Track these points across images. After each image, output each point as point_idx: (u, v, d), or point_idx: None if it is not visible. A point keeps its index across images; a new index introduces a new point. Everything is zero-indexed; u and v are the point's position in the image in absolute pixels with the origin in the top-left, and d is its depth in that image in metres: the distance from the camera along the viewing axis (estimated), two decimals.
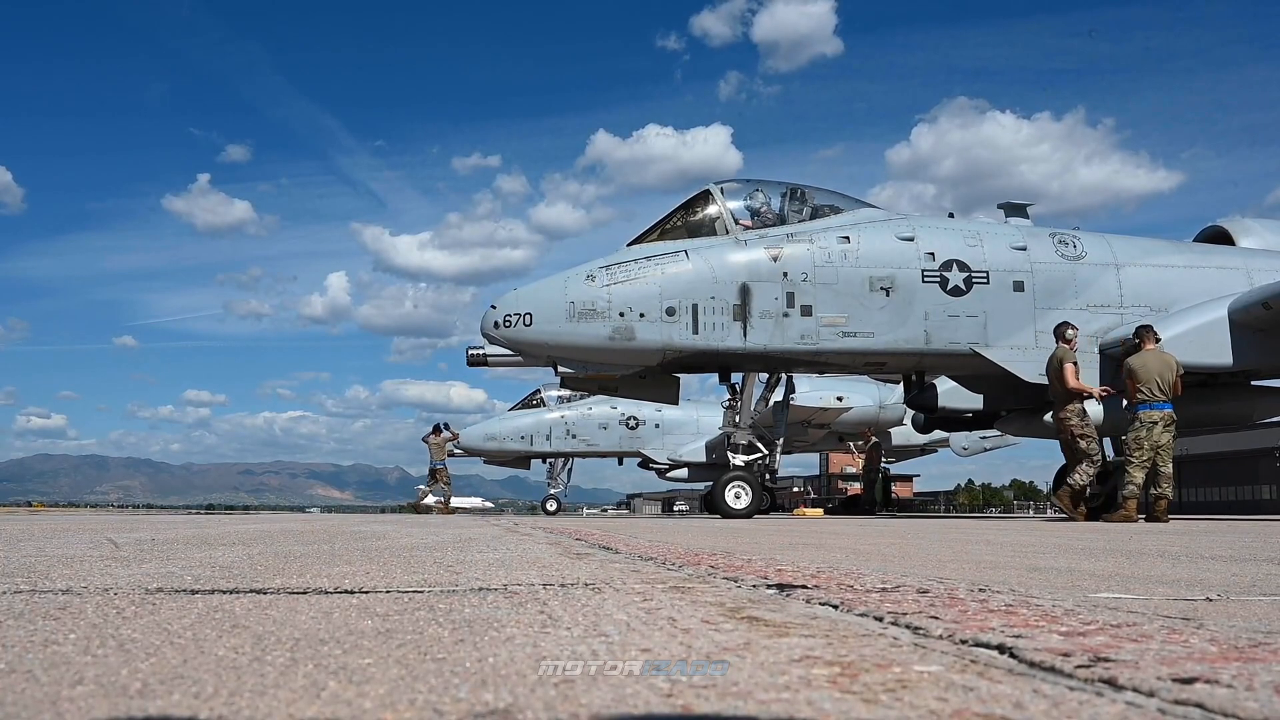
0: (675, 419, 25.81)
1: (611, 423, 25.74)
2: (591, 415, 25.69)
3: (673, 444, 25.80)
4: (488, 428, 25.98)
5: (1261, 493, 47.23)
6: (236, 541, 4.11)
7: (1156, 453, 10.08)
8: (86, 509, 46.56)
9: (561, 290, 10.62)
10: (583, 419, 25.58)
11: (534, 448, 25.62)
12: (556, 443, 25.65)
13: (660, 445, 25.83)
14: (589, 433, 25.60)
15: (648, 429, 25.86)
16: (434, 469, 20.93)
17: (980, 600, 1.69)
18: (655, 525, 8.89)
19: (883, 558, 3.31)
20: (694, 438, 25.59)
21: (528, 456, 26.15)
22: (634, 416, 25.70)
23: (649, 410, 25.53)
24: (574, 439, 25.61)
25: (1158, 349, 10.27)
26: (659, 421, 25.82)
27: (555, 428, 25.57)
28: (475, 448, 25.84)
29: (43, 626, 1.38)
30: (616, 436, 25.75)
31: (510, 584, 2.06)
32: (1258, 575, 2.58)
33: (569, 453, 26.16)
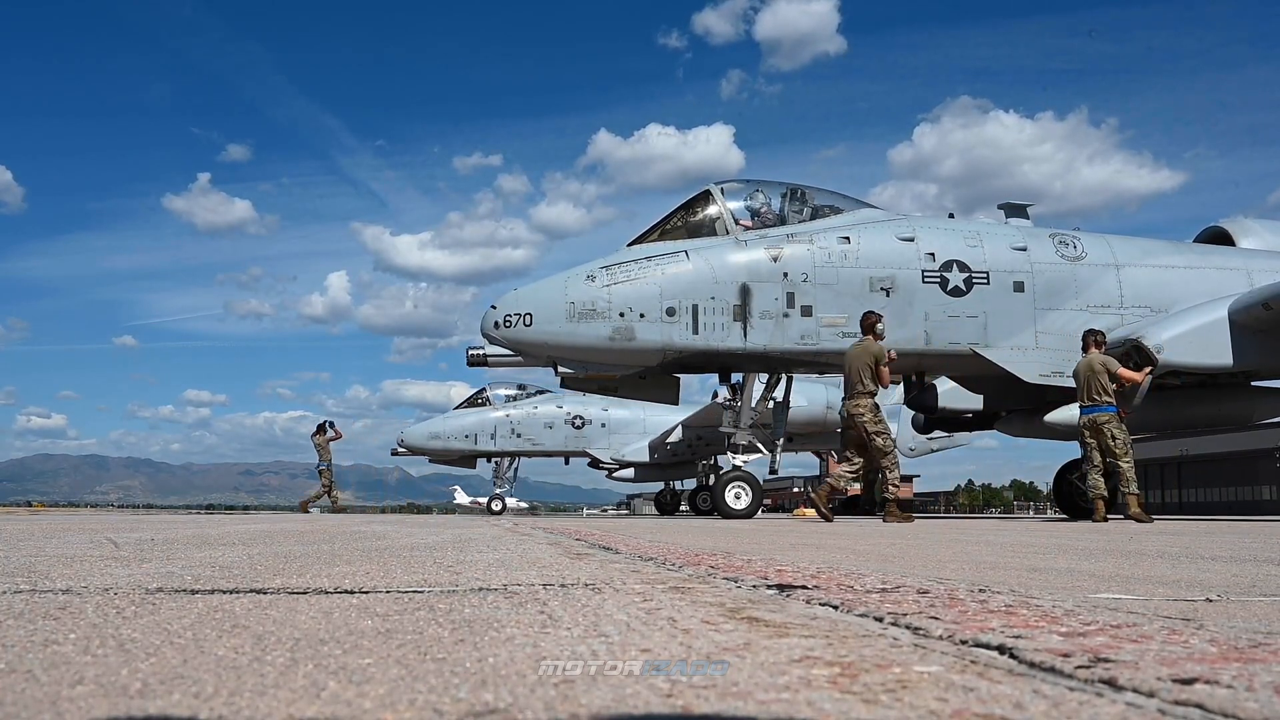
0: (622, 418, 25.50)
1: (557, 422, 25.42)
2: (537, 414, 25.38)
3: (619, 443, 25.49)
4: (431, 426, 25.65)
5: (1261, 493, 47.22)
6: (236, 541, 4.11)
7: (1111, 454, 9.97)
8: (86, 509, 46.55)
9: (562, 290, 10.63)
10: (528, 418, 25.25)
11: (478, 447, 25.26)
12: (501, 442, 25.26)
13: (606, 445, 25.51)
14: (534, 432, 25.24)
15: (594, 428, 25.51)
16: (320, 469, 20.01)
17: (980, 601, 1.69)
18: (655, 525, 8.89)
19: (882, 558, 3.31)
20: (640, 437, 25.29)
21: (473, 456, 25.79)
22: (580, 416, 25.43)
23: (595, 409, 25.38)
24: (519, 438, 25.22)
25: (1093, 354, 10.14)
26: (605, 421, 25.52)
27: (500, 426, 25.20)
28: (419, 446, 25.52)
29: (43, 626, 1.38)
30: (562, 436, 25.40)
31: (510, 584, 2.06)
32: (1258, 576, 2.57)
33: (514, 452, 25.82)
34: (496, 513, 25.52)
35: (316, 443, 20.17)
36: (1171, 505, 50.56)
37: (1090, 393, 10.05)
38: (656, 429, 24.90)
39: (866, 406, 10.09)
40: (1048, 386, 11.31)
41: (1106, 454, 10.00)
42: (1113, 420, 9.98)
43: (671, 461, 25.09)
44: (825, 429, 23.64)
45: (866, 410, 10.07)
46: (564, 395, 26.12)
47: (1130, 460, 9.99)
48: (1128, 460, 9.95)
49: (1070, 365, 10.78)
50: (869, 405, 10.10)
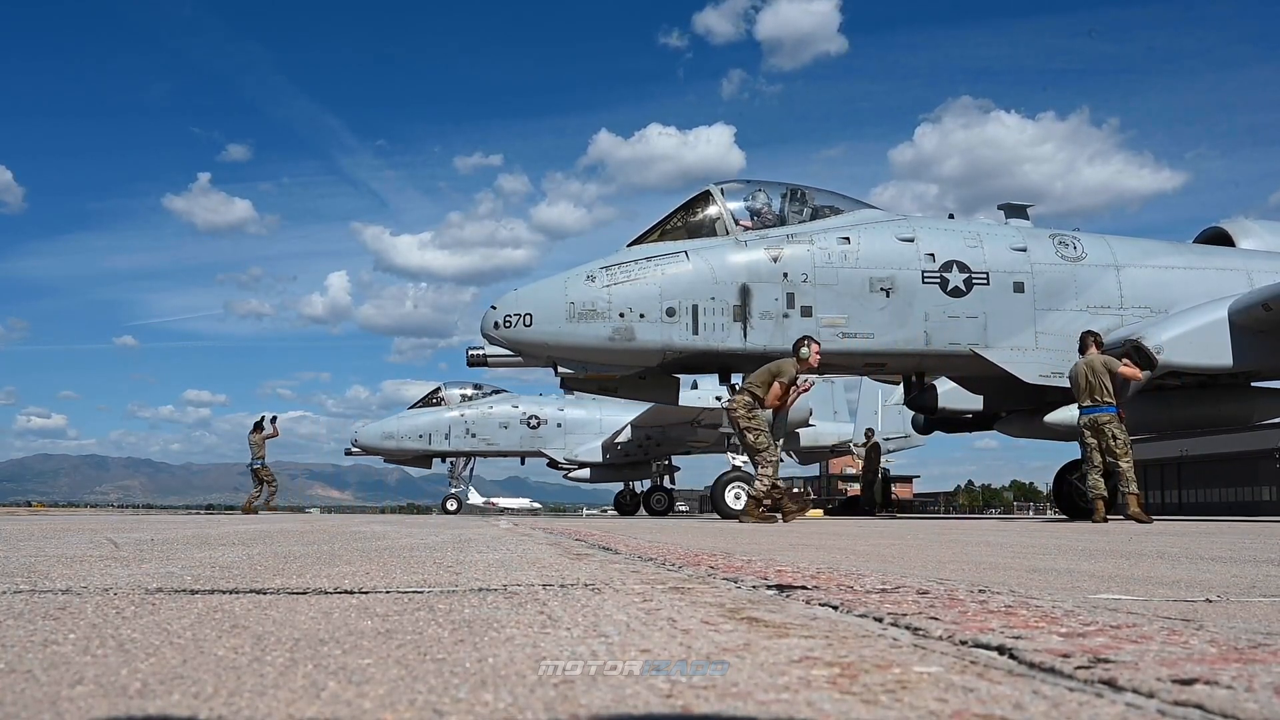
0: (577, 418, 25.36)
1: (513, 421, 25.26)
2: (492, 414, 25.21)
3: (574, 443, 25.30)
4: (385, 426, 25.45)
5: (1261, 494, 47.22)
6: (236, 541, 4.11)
7: (1111, 454, 9.95)
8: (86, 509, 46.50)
9: (561, 290, 10.63)
10: (483, 418, 25.07)
11: (432, 447, 25.06)
12: (456, 442, 25.06)
13: (562, 445, 25.33)
14: (489, 432, 25.07)
15: (549, 428, 25.33)
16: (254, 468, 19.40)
17: (980, 601, 1.69)
18: (655, 525, 8.89)
19: (882, 559, 3.31)
20: (595, 437, 25.13)
21: (427, 456, 25.58)
22: (535, 415, 25.28)
23: (551, 409, 25.28)
24: (474, 438, 25.04)
25: (1093, 354, 10.11)
26: (561, 421, 25.37)
27: (454, 426, 25.01)
28: (373, 446, 25.33)
29: (42, 626, 1.38)
30: (518, 436, 25.23)
31: (510, 584, 2.06)
32: (1257, 576, 2.57)
33: (469, 452, 25.62)
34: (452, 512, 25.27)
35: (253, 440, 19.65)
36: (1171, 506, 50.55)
37: (1091, 393, 10.04)
38: (611, 429, 24.77)
39: (741, 403, 9.86)
40: (1047, 387, 11.31)
41: (1107, 454, 9.99)
42: (1114, 420, 9.97)
43: (625, 461, 24.94)
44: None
45: (740, 406, 9.85)
46: (519, 395, 25.96)
47: (1130, 460, 9.97)
48: (1128, 460, 9.94)
49: (1070, 366, 10.77)
50: (744, 402, 9.85)
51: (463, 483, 26.47)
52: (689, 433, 23.10)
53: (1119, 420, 10.00)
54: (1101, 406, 9.99)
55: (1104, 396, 9.98)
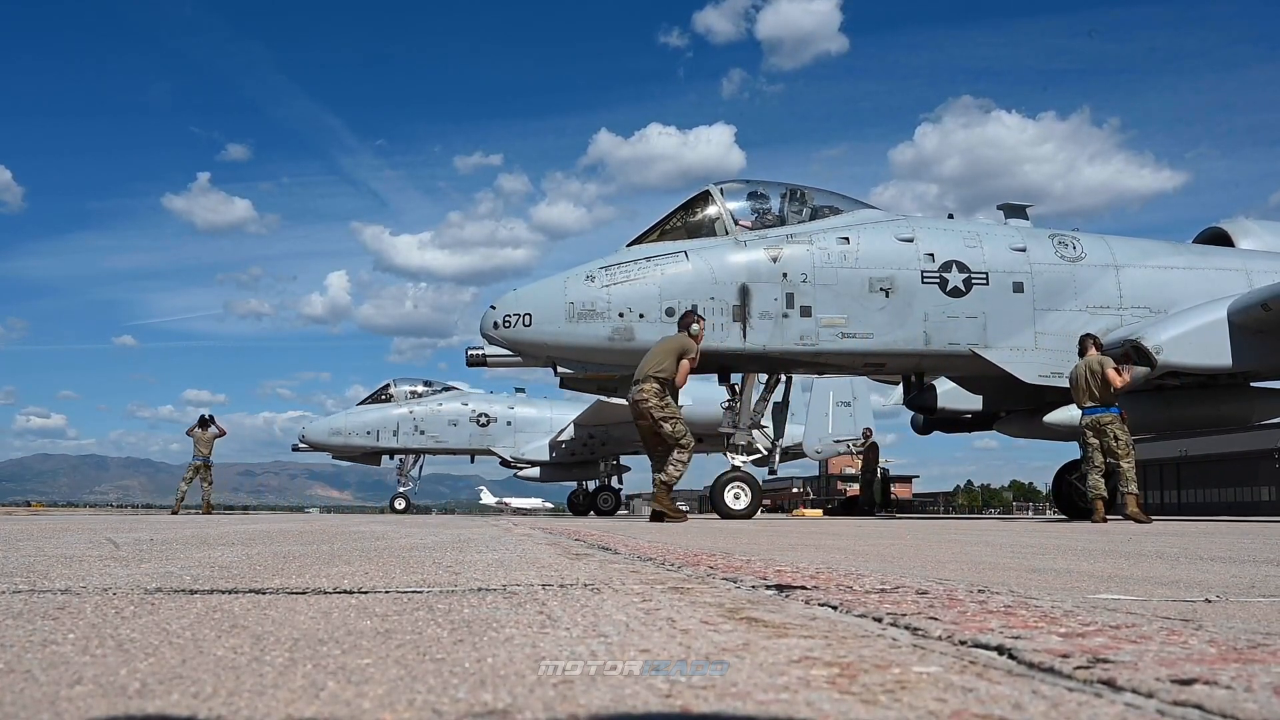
0: (528, 417, 25.22)
1: (462, 419, 25.09)
2: (441, 411, 25.03)
3: (523, 441, 25.15)
4: (333, 422, 25.24)
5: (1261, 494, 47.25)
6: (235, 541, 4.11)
7: (1112, 454, 9.95)
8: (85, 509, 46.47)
9: (561, 290, 10.63)
10: (432, 415, 24.88)
11: (380, 444, 24.89)
12: (404, 439, 24.86)
13: (511, 443, 25.18)
14: (438, 429, 24.90)
15: (499, 426, 25.18)
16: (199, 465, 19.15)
17: (979, 601, 1.69)
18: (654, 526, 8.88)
19: (882, 559, 3.31)
20: (545, 436, 25.01)
21: (375, 453, 25.41)
22: (485, 413, 25.10)
23: (500, 407, 25.14)
24: (422, 435, 24.86)
25: (1092, 356, 10.10)
26: (511, 419, 25.22)
27: (403, 423, 24.81)
28: (320, 443, 25.14)
29: (42, 626, 1.38)
30: (467, 434, 25.05)
31: (509, 584, 2.06)
32: (1257, 576, 2.58)
33: (417, 449, 25.40)
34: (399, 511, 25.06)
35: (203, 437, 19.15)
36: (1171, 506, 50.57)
37: (1092, 394, 10.05)
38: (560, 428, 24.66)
39: (651, 391, 9.32)
40: (1047, 387, 11.32)
41: (1109, 454, 10.00)
42: (1115, 421, 9.99)
43: (571, 460, 24.84)
44: None
45: (651, 395, 9.31)
46: (469, 392, 25.77)
47: (1131, 461, 9.98)
48: (1129, 461, 9.94)
49: (1070, 366, 10.78)
50: (653, 389, 9.31)
51: (411, 481, 26.12)
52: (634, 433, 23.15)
53: (1121, 420, 10.01)
54: (1104, 407, 10.00)
55: (1105, 397, 9.99)
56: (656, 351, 9.53)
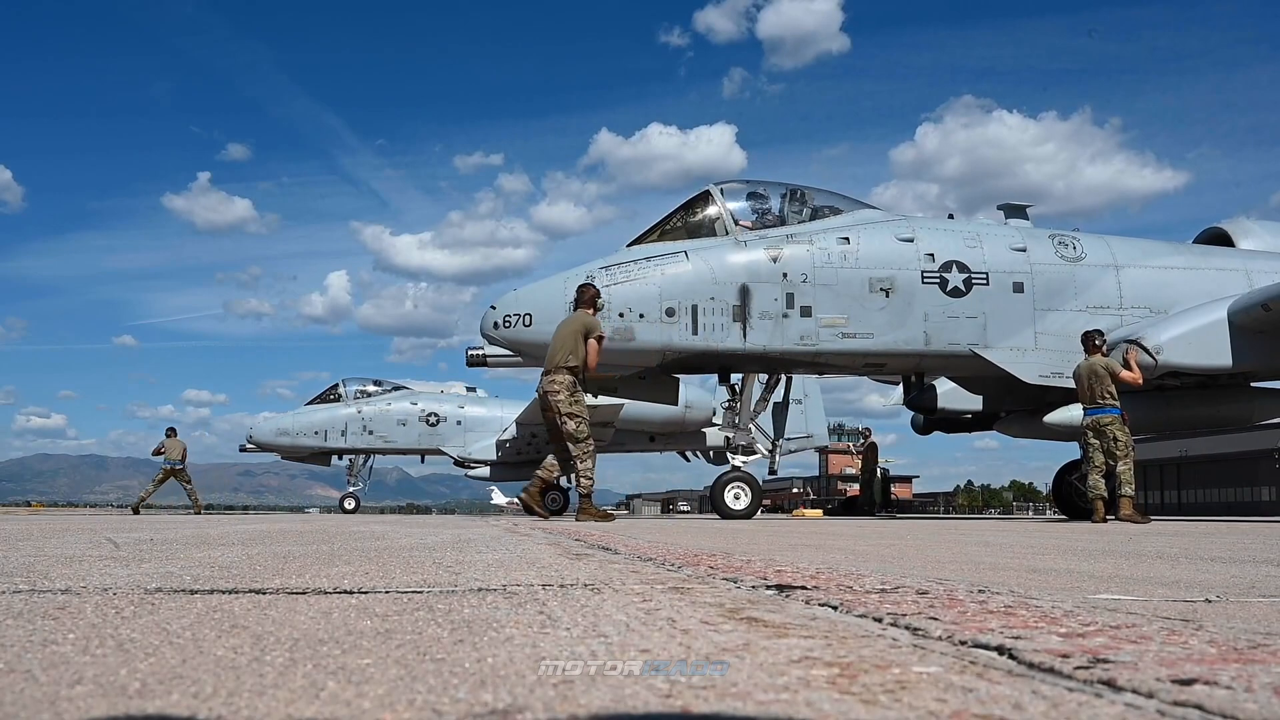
0: (477, 416, 25.03)
1: (411, 419, 24.88)
2: (390, 411, 24.82)
3: (472, 441, 24.94)
4: (280, 422, 25.08)
5: (1261, 494, 47.26)
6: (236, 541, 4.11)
7: (1112, 455, 9.95)
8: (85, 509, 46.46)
9: (561, 291, 10.64)
10: (380, 415, 24.68)
11: (328, 444, 24.69)
12: (352, 439, 24.67)
13: (461, 442, 24.99)
14: (387, 429, 24.69)
15: (449, 426, 24.96)
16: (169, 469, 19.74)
17: (979, 601, 1.69)
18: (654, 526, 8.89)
19: (882, 559, 3.31)
20: (494, 435, 24.83)
21: (324, 453, 25.23)
22: (434, 413, 24.91)
23: (450, 406, 24.98)
24: (371, 435, 24.66)
25: (1096, 356, 10.10)
26: (461, 418, 25.02)
27: (351, 423, 24.61)
28: (267, 443, 24.99)
29: (42, 626, 1.38)
30: (416, 433, 24.83)
31: (509, 584, 2.06)
32: (1257, 577, 2.58)
33: (366, 449, 25.20)
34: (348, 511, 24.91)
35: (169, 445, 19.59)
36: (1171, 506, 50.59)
37: (1095, 395, 10.05)
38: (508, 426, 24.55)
39: (563, 384, 8.94)
40: (1047, 387, 11.32)
41: (1109, 456, 10.00)
42: (1116, 422, 9.99)
43: (518, 460, 24.61)
44: (684, 428, 23.52)
45: (562, 389, 8.93)
46: (420, 392, 25.62)
47: (1130, 463, 9.99)
48: (1127, 463, 9.95)
49: (1070, 366, 10.78)
50: (565, 383, 8.94)
51: (361, 481, 25.91)
52: None
53: (1122, 422, 10.01)
54: (1105, 408, 10.00)
55: (1107, 398, 9.99)
56: (561, 335, 9.07)
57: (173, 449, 19.86)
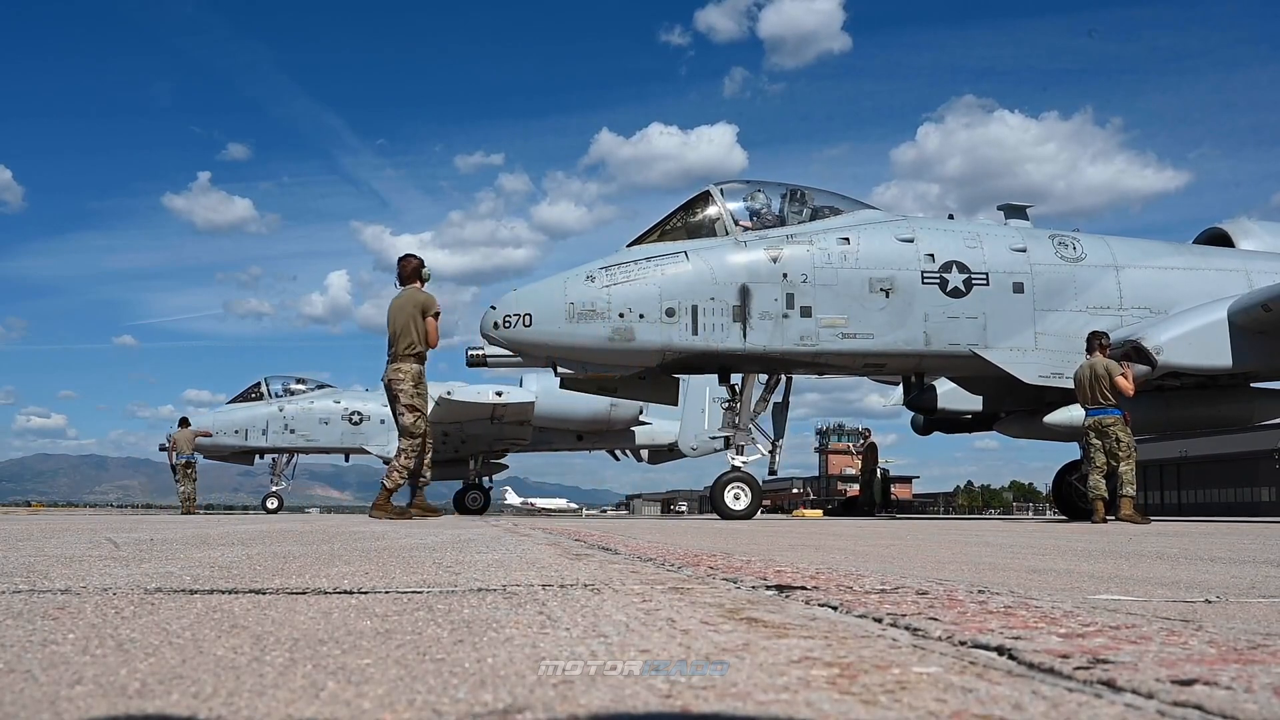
0: None
1: (334, 418, 24.59)
2: (313, 410, 24.51)
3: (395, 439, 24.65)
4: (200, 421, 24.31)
5: (1260, 494, 47.27)
6: (235, 541, 4.11)
7: (1114, 456, 9.94)
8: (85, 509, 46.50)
9: (561, 291, 10.63)
10: (303, 413, 24.34)
11: (249, 443, 24.31)
12: (274, 438, 24.33)
13: (385, 441, 24.55)
14: (309, 428, 24.35)
15: (372, 424, 24.63)
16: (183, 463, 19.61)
17: (979, 602, 1.69)
18: (654, 526, 8.89)
19: (882, 559, 3.31)
20: None
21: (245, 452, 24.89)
22: (358, 411, 24.63)
23: (374, 405, 24.56)
24: (293, 434, 24.34)
25: (1098, 357, 10.10)
26: (384, 417, 24.25)
27: (272, 422, 24.26)
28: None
29: (41, 626, 1.38)
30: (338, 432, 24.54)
31: (509, 584, 2.06)
32: (1257, 577, 2.58)
33: (287, 448, 24.91)
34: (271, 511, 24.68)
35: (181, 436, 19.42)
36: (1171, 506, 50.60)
37: (1096, 395, 10.05)
38: None
39: (408, 374, 8.49)
40: (1047, 387, 11.33)
41: (1111, 456, 10.00)
42: (1118, 423, 10.00)
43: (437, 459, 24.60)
44: (610, 426, 23.45)
45: (407, 378, 8.49)
46: (343, 390, 25.38)
47: (1132, 464, 9.99)
48: (1129, 464, 9.95)
49: (1070, 366, 10.78)
50: (411, 372, 8.50)
51: (285, 480, 25.62)
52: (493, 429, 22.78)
53: (1124, 422, 10.01)
54: (1107, 408, 10.00)
55: (1109, 398, 10.00)
56: (397, 321, 8.57)
57: (182, 442, 19.70)
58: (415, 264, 8.80)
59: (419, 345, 8.50)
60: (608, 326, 10.51)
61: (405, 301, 8.64)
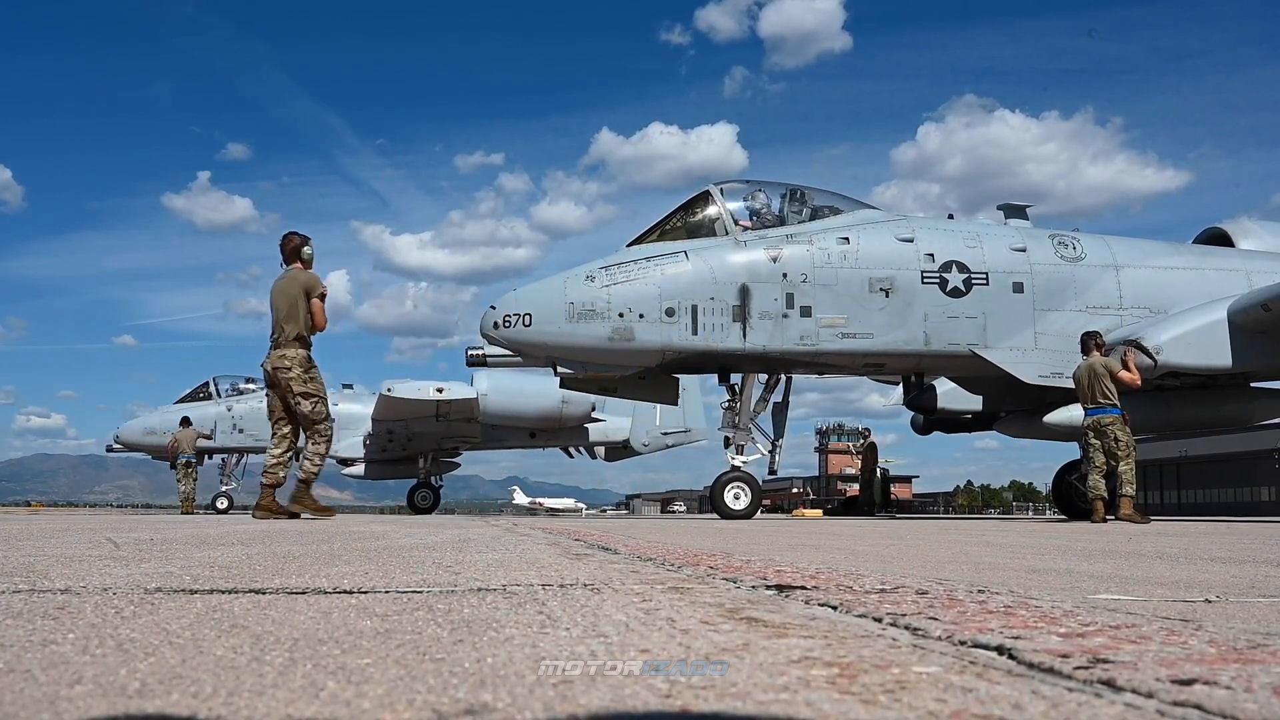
0: (351, 413, 24.33)
1: None
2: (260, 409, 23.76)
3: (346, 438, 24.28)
4: (147, 421, 24.46)
5: (1260, 494, 47.27)
6: (235, 541, 4.11)
7: (1113, 456, 9.94)
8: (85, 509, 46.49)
9: (561, 290, 10.64)
10: (250, 413, 23.75)
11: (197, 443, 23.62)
12: (223, 438, 24.01)
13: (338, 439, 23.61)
14: (256, 427, 23.58)
15: None
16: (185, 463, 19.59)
17: (979, 601, 1.69)
18: (654, 526, 8.89)
19: (881, 559, 3.31)
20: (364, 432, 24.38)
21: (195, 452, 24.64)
22: None
23: None
24: (241, 433, 24.02)
25: (1095, 356, 10.10)
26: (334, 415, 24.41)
27: (220, 421, 23.93)
28: (135, 443, 24.44)
29: (41, 626, 1.38)
30: None
31: (509, 584, 2.06)
32: (1256, 577, 2.58)
33: (236, 448, 24.63)
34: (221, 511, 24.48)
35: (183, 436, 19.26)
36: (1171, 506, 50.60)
37: (1095, 395, 10.05)
38: None
39: (295, 359, 8.00)
40: (1047, 387, 11.33)
41: (1111, 456, 10.00)
42: (1117, 422, 10.00)
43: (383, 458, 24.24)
44: (562, 424, 23.34)
45: (295, 364, 8.00)
46: None
47: (1132, 464, 9.99)
48: (1129, 463, 9.95)
49: (1070, 366, 10.78)
50: (299, 358, 8.01)
51: (234, 480, 25.35)
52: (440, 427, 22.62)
53: (1123, 422, 10.02)
54: (1106, 408, 10.00)
55: (1108, 398, 9.99)
56: (281, 304, 8.13)
57: (184, 442, 19.61)
58: (296, 243, 8.30)
59: (304, 329, 8.08)
60: (608, 326, 10.51)
61: (288, 283, 8.17)
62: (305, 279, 8.17)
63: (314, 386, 8.10)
